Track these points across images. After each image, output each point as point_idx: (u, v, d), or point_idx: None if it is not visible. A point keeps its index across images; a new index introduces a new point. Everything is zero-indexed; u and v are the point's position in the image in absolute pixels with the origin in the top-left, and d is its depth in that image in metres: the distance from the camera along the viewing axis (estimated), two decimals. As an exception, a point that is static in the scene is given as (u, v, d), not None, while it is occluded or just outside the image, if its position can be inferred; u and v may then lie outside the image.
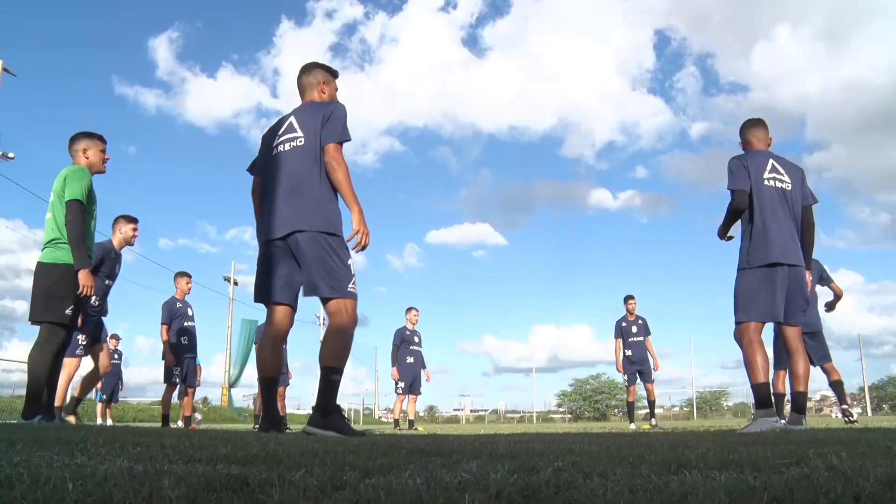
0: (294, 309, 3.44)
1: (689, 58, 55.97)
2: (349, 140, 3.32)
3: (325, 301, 3.23)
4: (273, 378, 3.49)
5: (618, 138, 56.82)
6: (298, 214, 3.23)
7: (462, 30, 55.87)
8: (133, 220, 5.91)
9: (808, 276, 4.20)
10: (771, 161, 4.19)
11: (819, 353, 6.83)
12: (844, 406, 7.30)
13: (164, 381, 8.04)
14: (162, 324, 7.84)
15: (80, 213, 4.07)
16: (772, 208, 4.07)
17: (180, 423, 10.67)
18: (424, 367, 10.39)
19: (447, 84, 58.11)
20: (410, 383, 10.14)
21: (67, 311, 4.05)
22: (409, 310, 10.41)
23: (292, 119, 3.46)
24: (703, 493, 0.94)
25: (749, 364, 3.98)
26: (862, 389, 34.01)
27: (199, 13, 57.72)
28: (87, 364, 6.17)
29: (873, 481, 1.00)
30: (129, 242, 5.88)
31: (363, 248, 3.26)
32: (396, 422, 10.30)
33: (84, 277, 4.04)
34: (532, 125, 59.74)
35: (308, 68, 3.64)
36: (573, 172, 59.57)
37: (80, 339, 5.79)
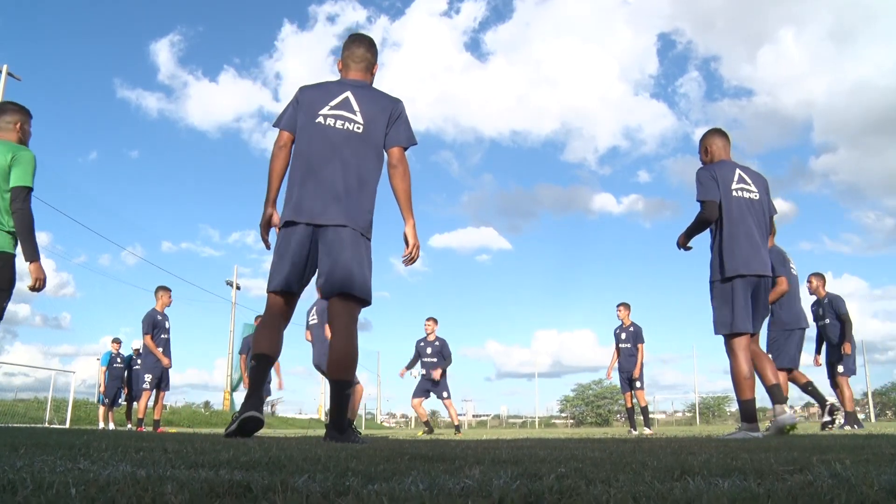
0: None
1: (693, 62, 55.87)
2: (415, 145, 3.22)
3: (342, 299, 3.05)
4: (271, 356, 3.20)
5: (621, 143, 56.69)
6: (351, 210, 3.04)
7: (464, 34, 55.87)
8: None
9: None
10: (738, 171, 4.23)
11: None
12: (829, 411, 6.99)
13: (142, 389, 8.98)
14: (144, 334, 8.71)
15: (30, 202, 3.73)
16: (741, 219, 4.10)
17: (130, 426, 10.85)
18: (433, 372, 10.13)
19: (449, 88, 58.09)
20: (425, 390, 10.03)
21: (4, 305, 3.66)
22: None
23: (349, 95, 3.18)
24: (707, 500, 0.94)
25: (736, 379, 4.01)
26: (865, 395, 33.87)
27: (200, 17, 57.87)
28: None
29: (877, 489, 0.99)
30: None
31: (412, 263, 3.19)
32: (426, 423, 10.37)
33: (37, 270, 3.71)
34: (534, 130, 59.51)
35: (368, 43, 3.36)
36: (576, 177, 59.50)
37: None
